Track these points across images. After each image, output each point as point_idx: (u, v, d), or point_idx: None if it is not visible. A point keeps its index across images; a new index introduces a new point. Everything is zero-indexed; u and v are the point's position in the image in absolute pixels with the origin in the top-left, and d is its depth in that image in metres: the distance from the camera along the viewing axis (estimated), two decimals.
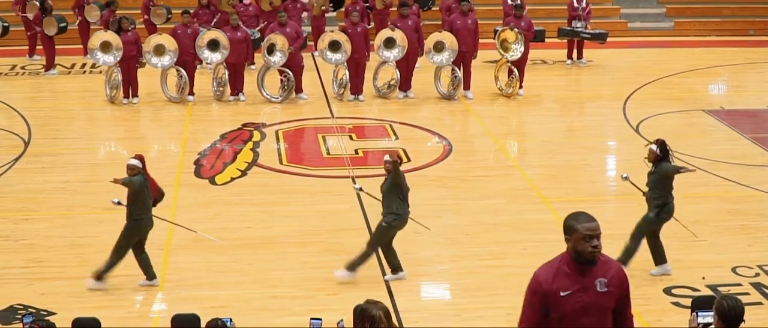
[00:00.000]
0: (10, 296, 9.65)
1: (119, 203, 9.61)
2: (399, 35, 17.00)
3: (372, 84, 17.39)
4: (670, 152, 9.85)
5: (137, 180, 9.52)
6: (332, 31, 17.51)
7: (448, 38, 16.95)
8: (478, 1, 21.05)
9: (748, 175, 13.37)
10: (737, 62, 20.81)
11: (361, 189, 10.75)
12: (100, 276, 9.74)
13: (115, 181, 9.61)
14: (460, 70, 17.13)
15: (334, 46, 17.05)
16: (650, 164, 9.94)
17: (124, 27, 16.99)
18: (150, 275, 9.88)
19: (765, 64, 21.12)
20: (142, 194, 9.56)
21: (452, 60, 16.99)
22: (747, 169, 13.60)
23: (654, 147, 9.89)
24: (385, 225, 9.79)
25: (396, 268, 10.04)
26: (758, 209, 12.20)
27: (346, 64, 17.06)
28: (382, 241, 9.94)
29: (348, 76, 17.11)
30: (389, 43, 17.06)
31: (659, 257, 10.08)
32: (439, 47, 16.97)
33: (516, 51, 17.10)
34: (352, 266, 9.92)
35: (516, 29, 17.14)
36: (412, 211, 9.92)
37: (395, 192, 9.76)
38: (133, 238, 9.72)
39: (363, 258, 9.91)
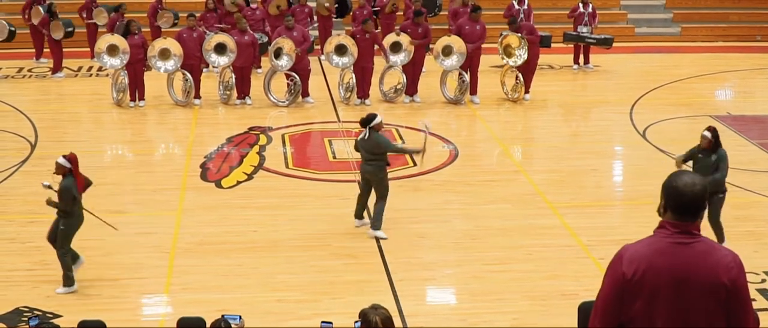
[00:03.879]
0: (16, 298, 9.67)
1: (49, 187, 9.64)
2: (405, 40, 17.02)
3: (378, 88, 17.43)
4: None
5: (66, 184, 9.55)
6: (339, 35, 17.54)
7: (457, 42, 16.96)
8: (484, 5, 21.11)
9: (755, 181, 13.35)
10: (744, 68, 20.80)
11: None
12: (67, 281, 9.74)
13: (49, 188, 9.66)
14: (467, 74, 17.14)
15: (341, 49, 17.07)
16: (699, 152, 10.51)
17: (131, 30, 17.03)
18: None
19: None
20: (72, 192, 9.58)
21: (461, 64, 17.00)
22: (754, 175, 13.59)
23: (708, 133, 10.41)
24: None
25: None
26: (765, 215, 12.18)
27: (352, 68, 17.09)
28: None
29: (354, 81, 17.14)
30: (395, 47, 17.08)
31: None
32: (447, 51, 16.99)
33: (519, 57, 17.09)
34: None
35: (520, 35, 17.13)
36: (417, 215, 9.91)
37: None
38: (73, 233, 9.74)
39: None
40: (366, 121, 11.27)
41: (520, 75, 17.22)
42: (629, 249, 4.54)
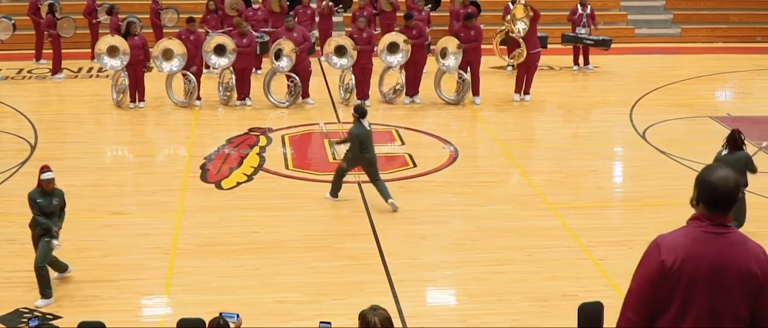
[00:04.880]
0: (16, 299, 9.67)
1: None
2: (401, 38, 17.04)
3: (378, 89, 17.45)
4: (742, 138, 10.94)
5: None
6: (339, 36, 17.56)
7: (452, 43, 16.98)
8: (484, 6, 21.12)
9: (754, 182, 13.31)
10: (744, 69, 20.81)
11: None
12: (44, 292, 9.65)
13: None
14: (466, 74, 17.14)
15: (340, 50, 17.10)
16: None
17: (131, 31, 17.05)
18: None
19: None
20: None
21: (458, 65, 17.02)
22: (753, 176, 13.57)
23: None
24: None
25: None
26: (765, 217, 12.17)
27: (352, 69, 17.11)
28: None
29: (354, 82, 17.16)
30: (392, 47, 17.09)
31: None
32: (444, 53, 17.01)
33: (520, 26, 17.21)
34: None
35: (524, 3, 17.24)
36: (417, 216, 9.92)
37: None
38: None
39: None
40: (364, 113, 12.07)
41: (522, 42, 17.23)
42: (666, 238, 4.65)
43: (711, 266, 4.55)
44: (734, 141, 10.90)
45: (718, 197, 4.56)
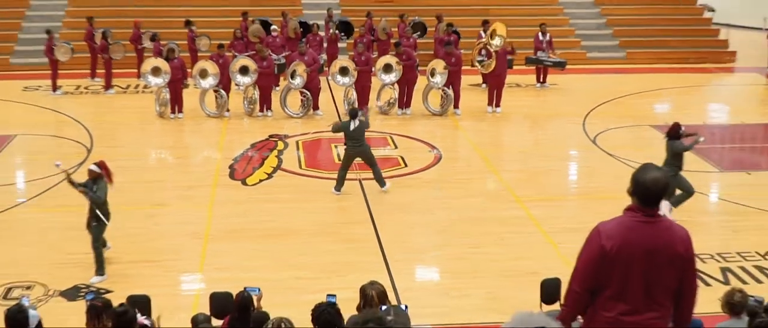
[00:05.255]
0: (75, 277, 9.71)
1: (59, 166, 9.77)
2: (393, 60, 17.09)
3: (375, 103, 17.48)
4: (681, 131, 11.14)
5: (102, 186, 9.60)
6: (343, 59, 17.65)
7: (439, 64, 17.06)
8: (465, 35, 21.15)
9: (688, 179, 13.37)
10: (679, 86, 20.85)
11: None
12: (99, 271, 9.73)
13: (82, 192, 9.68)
14: (450, 91, 17.20)
15: (344, 71, 17.15)
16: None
17: (172, 56, 17.08)
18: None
19: (702, 87, 21.19)
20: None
21: (444, 83, 17.08)
22: (687, 174, 13.60)
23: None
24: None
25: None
26: (695, 207, 12.18)
27: (353, 86, 17.14)
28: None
29: (356, 96, 17.19)
30: (387, 68, 17.14)
31: None
32: (433, 72, 17.08)
33: (497, 41, 17.31)
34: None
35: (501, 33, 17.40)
36: (408, 207, 9.94)
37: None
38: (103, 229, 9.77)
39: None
40: (356, 113, 12.41)
41: (494, 54, 17.31)
42: (606, 226, 4.70)
43: (644, 249, 4.59)
44: (675, 132, 10.92)
45: (650, 195, 4.60)
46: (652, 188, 4.58)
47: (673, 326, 4.87)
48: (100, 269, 9.69)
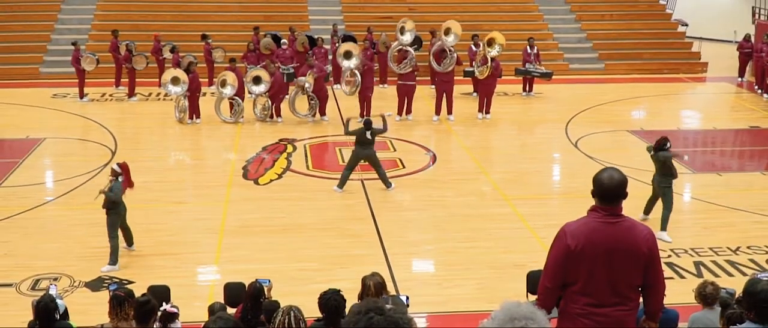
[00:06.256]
0: (99, 269, 9.71)
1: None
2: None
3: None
4: (667, 145, 10.70)
5: (116, 186, 9.64)
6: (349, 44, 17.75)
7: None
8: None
9: (646, 177, 13.35)
10: (654, 94, 20.85)
11: None
12: (113, 261, 9.74)
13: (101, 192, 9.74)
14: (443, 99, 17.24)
15: (348, 54, 17.19)
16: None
17: (190, 69, 17.11)
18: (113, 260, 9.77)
19: (675, 95, 21.17)
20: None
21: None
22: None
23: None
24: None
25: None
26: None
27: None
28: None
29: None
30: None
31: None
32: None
33: (496, 49, 17.25)
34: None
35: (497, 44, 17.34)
36: (405, 205, 9.91)
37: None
38: (117, 222, 9.79)
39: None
40: (370, 123, 12.53)
41: (489, 60, 17.24)
42: (571, 226, 4.62)
43: (606, 248, 4.51)
44: (662, 144, 10.79)
45: (606, 191, 4.52)
46: (607, 184, 4.50)
47: (645, 316, 4.84)
48: (112, 258, 9.69)
